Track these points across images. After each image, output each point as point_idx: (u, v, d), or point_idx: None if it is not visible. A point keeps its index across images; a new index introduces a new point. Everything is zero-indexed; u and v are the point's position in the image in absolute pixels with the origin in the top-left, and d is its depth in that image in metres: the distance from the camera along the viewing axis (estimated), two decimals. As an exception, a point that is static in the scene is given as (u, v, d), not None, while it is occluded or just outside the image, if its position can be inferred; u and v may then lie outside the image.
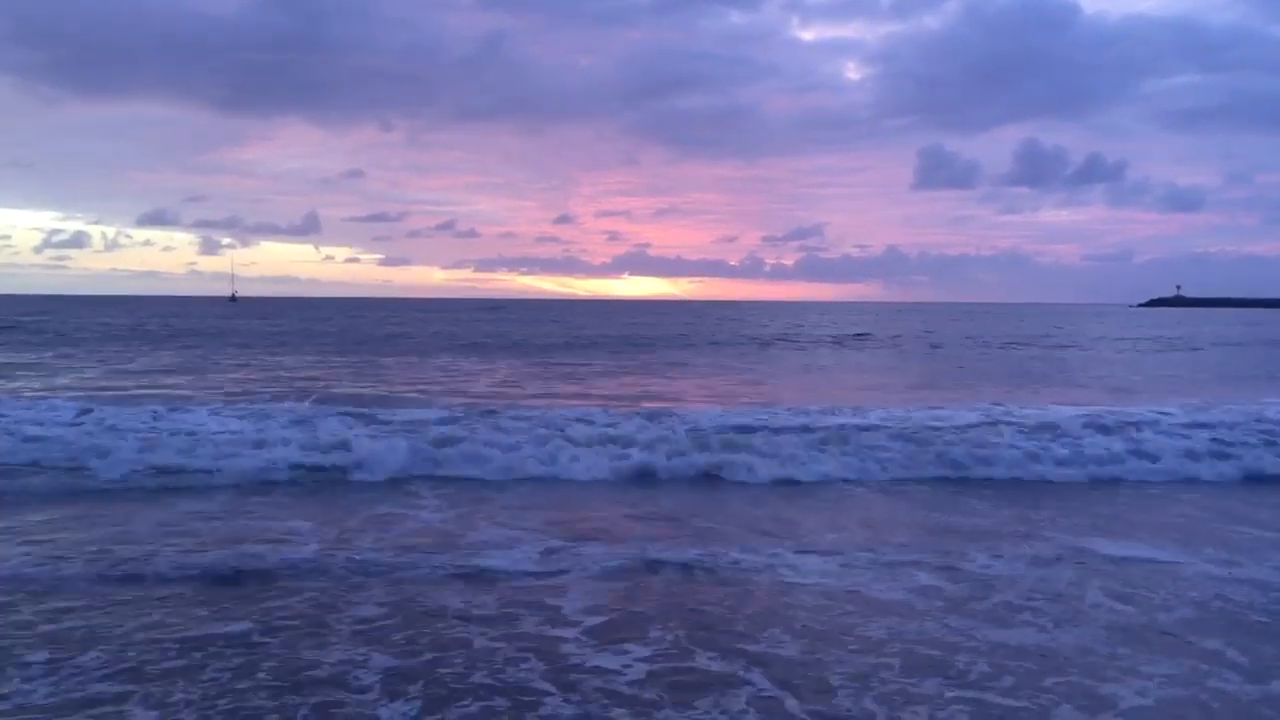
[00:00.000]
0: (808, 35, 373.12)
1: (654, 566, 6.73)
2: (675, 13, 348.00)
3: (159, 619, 5.48)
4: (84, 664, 4.79)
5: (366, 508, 8.59)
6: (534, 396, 17.74)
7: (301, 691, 4.51)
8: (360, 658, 4.94)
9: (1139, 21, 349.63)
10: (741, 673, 4.81)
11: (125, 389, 18.17)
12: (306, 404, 14.36)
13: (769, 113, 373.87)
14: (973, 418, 13.48)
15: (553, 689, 4.59)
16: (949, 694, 4.60)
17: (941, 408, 14.85)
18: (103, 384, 19.35)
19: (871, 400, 16.54)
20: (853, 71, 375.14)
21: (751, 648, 5.17)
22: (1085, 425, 12.65)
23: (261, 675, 4.69)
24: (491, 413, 13.16)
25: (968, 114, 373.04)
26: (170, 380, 20.48)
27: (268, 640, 5.18)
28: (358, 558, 6.80)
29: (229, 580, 6.25)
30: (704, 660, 4.99)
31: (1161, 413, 13.87)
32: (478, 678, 4.72)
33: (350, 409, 13.31)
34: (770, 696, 4.54)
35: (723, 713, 4.35)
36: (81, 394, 16.27)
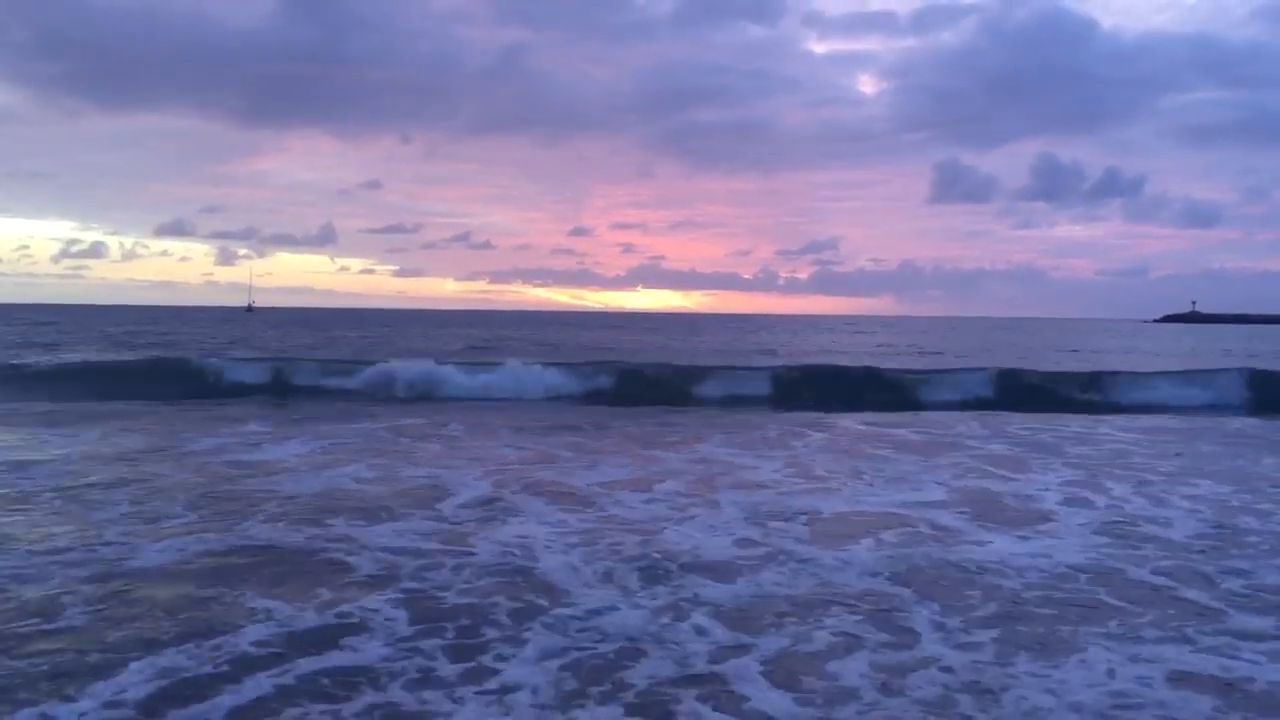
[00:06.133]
0: (825, 49, 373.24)
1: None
2: (692, 26, 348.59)
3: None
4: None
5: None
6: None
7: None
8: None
9: (1157, 37, 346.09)
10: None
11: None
12: None
13: (785, 126, 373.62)
14: None
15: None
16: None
17: None
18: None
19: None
20: (869, 85, 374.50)
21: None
22: None
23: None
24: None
25: (984, 128, 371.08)
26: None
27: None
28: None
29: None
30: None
31: None
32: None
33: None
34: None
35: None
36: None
